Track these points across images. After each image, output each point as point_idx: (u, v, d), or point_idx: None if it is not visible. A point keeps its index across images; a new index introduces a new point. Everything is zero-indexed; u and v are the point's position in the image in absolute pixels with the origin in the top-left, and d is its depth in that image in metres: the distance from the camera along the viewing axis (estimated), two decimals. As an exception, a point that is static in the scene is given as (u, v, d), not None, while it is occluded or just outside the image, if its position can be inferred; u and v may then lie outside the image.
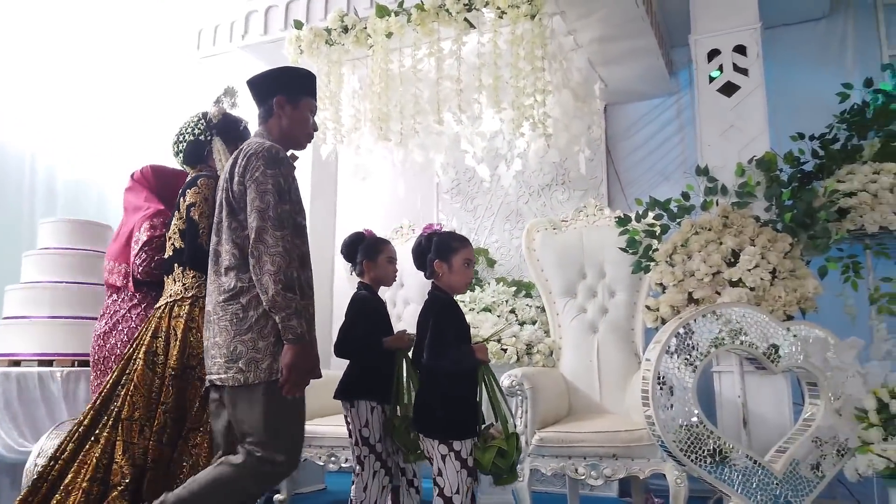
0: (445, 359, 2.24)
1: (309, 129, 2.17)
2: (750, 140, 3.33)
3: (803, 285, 2.88)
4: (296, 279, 1.91)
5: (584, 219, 4.06)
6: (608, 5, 3.18)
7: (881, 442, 2.51)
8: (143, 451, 2.27)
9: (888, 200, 2.94)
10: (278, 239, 1.89)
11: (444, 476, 2.19)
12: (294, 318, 1.88)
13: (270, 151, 1.96)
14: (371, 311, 2.70)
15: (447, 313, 2.32)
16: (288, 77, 2.17)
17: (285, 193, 1.95)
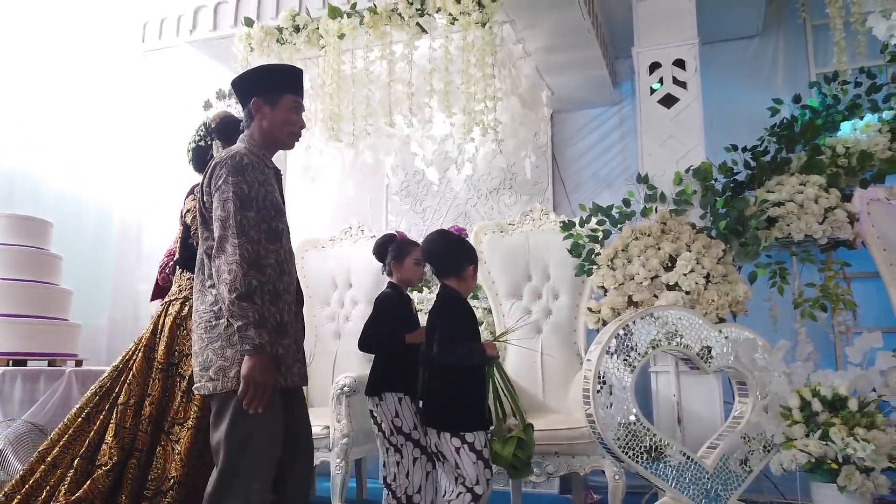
0: (455, 354, 2.33)
1: (293, 127, 2.08)
2: (687, 150, 3.48)
3: (735, 290, 3.04)
4: (255, 287, 1.86)
5: (531, 223, 4.16)
6: (555, 16, 3.28)
7: (803, 438, 2.67)
8: (132, 437, 2.40)
9: (813, 210, 3.13)
10: (236, 247, 1.86)
11: (462, 468, 2.28)
12: (251, 328, 1.83)
13: (234, 159, 1.94)
14: (395, 308, 2.75)
15: (459, 310, 2.44)
16: (263, 77, 2.10)
17: (249, 201, 1.91)
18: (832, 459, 2.58)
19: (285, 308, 2.00)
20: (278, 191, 2.08)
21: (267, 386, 1.86)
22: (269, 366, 1.86)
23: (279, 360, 1.95)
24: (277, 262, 1.97)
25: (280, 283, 1.98)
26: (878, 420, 2.62)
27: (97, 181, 4.79)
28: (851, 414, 2.65)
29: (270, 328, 1.92)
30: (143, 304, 4.59)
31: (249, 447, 1.89)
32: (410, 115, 3.09)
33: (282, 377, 1.95)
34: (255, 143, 2.06)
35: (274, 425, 1.94)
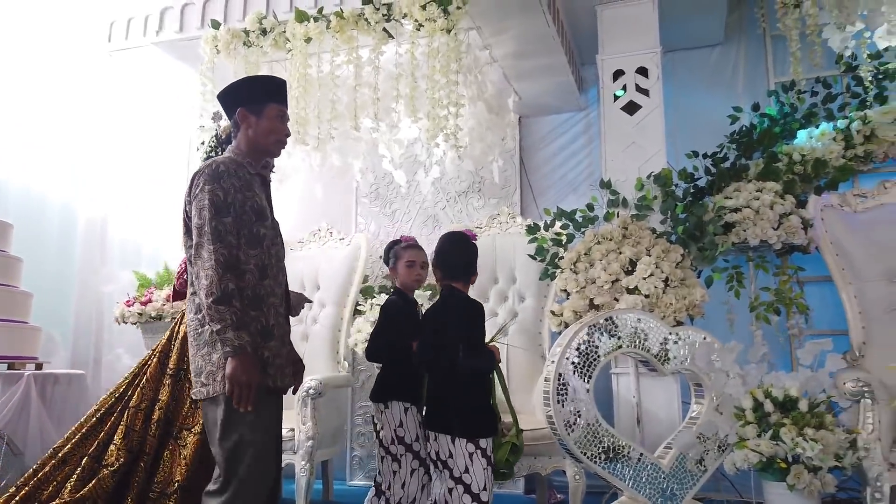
0: (480, 360, 2.35)
1: (279, 135, 2.13)
2: (649, 156, 3.56)
3: (692, 293, 3.11)
4: (232, 291, 1.89)
5: (498, 226, 4.21)
6: (520, 23, 3.32)
7: (755, 438, 2.75)
8: (141, 440, 2.45)
9: (768, 216, 3.21)
10: (211, 253, 1.90)
11: (472, 473, 2.26)
12: (230, 331, 1.86)
13: (211, 167, 2.00)
14: (398, 315, 2.71)
15: (479, 316, 2.43)
16: (247, 87, 2.16)
17: (225, 207, 1.94)
18: (782, 459, 2.66)
19: (271, 312, 2.02)
20: (265, 197, 2.12)
21: (251, 385, 1.89)
22: (251, 365, 1.89)
23: (265, 363, 1.98)
24: (258, 266, 2.00)
25: (262, 287, 2.00)
26: (826, 420, 2.71)
27: (62, 181, 4.73)
28: (802, 414, 2.73)
29: (253, 331, 1.96)
30: (108, 305, 4.55)
31: (245, 447, 1.93)
32: (376, 119, 3.11)
33: (270, 379, 1.99)
34: (240, 152, 2.11)
35: (268, 425, 1.99)
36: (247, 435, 1.92)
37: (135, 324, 3.98)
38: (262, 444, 1.95)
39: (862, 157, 3.58)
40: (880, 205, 3.36)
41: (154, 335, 4.06)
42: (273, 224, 2.12)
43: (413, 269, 2.77)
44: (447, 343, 2.36)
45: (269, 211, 2.13)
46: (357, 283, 4.26)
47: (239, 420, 1.92)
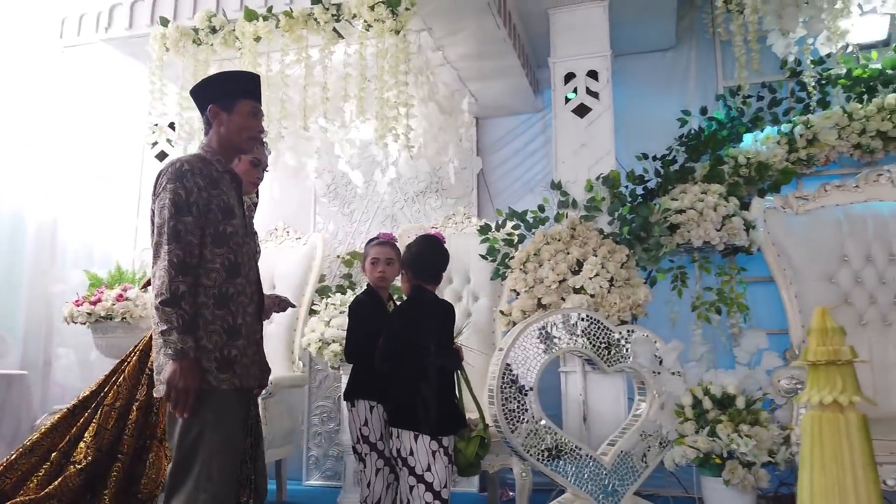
0: (449, 359, 2.40)
1: (252, 132, 2.11)
2: (599, 158, 3.61)
3: (636, 293, 3.17)
4: (183, 293, 1.88)
5: (453, 226, 4.24)
6: (471, 26, 3.35)
7: (694, 434, 2.81)
8: (114, 440, 2.38)
9: (711, 218, 3.29)
10: (166, 253, 1.89)
11: (434, 472, 2.28)
12: (174, 333, 1.85)
13: (175, 166, 1.99)
14: (364, 314, 2.70)
15: (450, 317, 2.48)
16: (217, 84, 2.13)
17: (186, 206, 1.93)
18: (718, 455, 2.72)
19: (239, 311, 2.00)
20: (235, 195, 2.09)
21: (188, 391, 1.87)
22: (190, 371, 1.87)
23: (232, 361, 1.96)
24: (225, 265, 1.98)
25: (230, 286, 1.99)
26: (761, 417, 2.79)
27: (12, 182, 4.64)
28: (738, 411, 2.80)
29: (219, 330, 1.95)
30: (58, 306, 4.47)
31: (201, 447, 1.90)
32: (325, 119, 3.12)
33: (237, 378, 1.97)
34: (210, 149, 2.09)
35: (228, 426, 1.96)
36: (206, 432, 1.90)
37: (84, 323, 3.93)
38: (221, 445, 1.93)
39: (805, 161, 3.67)
40: (820, 207, 3.45)
41: (105, 335, 4.01)
42: (243, 222, 2.09)
43: (376, 266, 2.74)
44: (419, 341, 2.38)
45: (240, 210, 2.10)
46: (313, 282, 4.26)
47: (198, 418, 1.91)
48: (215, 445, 1.91)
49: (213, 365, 1.93)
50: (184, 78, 3.43)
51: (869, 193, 3.40)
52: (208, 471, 1.89)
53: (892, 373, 3.14)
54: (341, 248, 4.80)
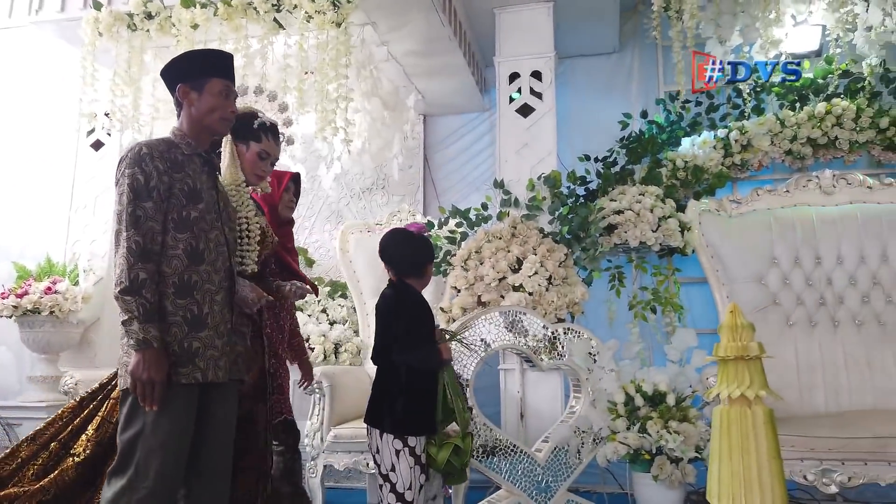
0: (415, 355, 2.27)
1: (222, 112, 2.00)
2: (541, 158, 3.65)
3: (573, 291, 3.21)
4: (143, 281, 1.81)
5: (398, 223, 4.21)
6: (415, 22, 3.34)
7: (625, 431, 2.86)
8: (114, 434, 2.17)
9: (648, 219, 3.35)
10: (125, 240, 1.82)
11: (398, 472, 2.21)
12: (135, 323, 1.78)
13: (132, 150, 1.91)
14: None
15: (419, 310, 2.36)
16: (186, 62, 2.03)
17: (144, 191, 1.84)
18: (647, 451, 2.77)
19: (205, 300, 1.92)
20: (208, 179, 1.99)
21: (154, 383, 1.80)
22: (155, 361, 1.80)
23: (193, 354, 1.88)
24: (187, 251, 1.90)
25: (192, 273, 1.90)
26: (690, 414, 2.85)
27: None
28: (668, 408, 2.86)
29: (179, 321, 1.87)
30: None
31: (141, 446, 1.83)
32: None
33: (199, 372, 1.88)
34: (180, 132, 2.01)
35: (173, 423, 1.86)
36: (147, 431, 1.83)
37: (10, 317, 3.77)
38: (163, 441, 1.84)
39: (739, 166, 3.79)
40: (753, 210, 3.55)
41: (32, 329, 3.86)
42: (214, 207, 1.99)
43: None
44: (388, 337, 2.33)
45: (211, 193, 1.99)
46: (253, 277, 4.18)
47: (141, 415, 1.84)
48: (158, 440, 1.83)
49: (170, 358, 1.85)
50: (117, 64, 3.31)
51: (798, 198, 3.52)
52: (145, 468, 1.82)
53: (817, 372, 3.25)
54: (285, 242, 4.72)
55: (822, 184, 3.49)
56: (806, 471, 2.70)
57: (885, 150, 3.64)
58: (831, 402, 3.17)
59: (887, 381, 3.15)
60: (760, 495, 1.35)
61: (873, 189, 3.44)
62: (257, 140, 2.32)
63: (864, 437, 2.65)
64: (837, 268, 3.39)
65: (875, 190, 3.44)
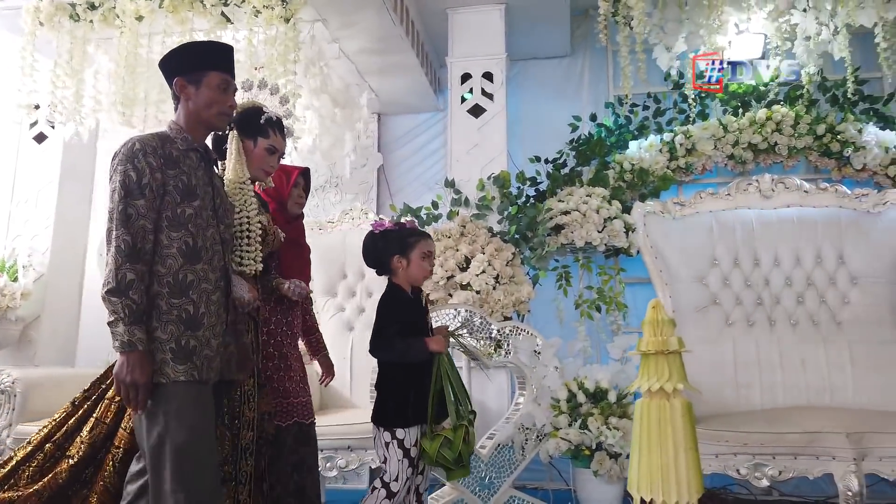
0: (389, 350, 2.30)
1: (221, 106, 1.96)
2: (491, 158, 3.69)
3: (520, 290, 3.25)
4: (130, 282, 1.75)
5: (350, 221, 4.20)
6: (366, 20, 3.35)
7: (567, 427, 2.91)
8: (109, 433, 2.14)
9: (594, 220, 3.41)
10: (115, 239, 1.77)
11: (388, 464, 2.25)
12: (120, 325, 1.74)
13: (125, 146, 1.86)
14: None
15: (387, 305, 2.37)
16: (184, 55, 1.97)
17: (136, 189, 1.80)
18: (588, 446, 2.83)
19: (201, 299, 1.87)
20: (204, 175, 1.95)
21: (137, 385, 1.76)
22: (139, 364, 1.75)
23: (190, 352, 1.83)
24: (182, 250, 1.85)
25: (188, 272, 1.85)
26: (630, 410, 2.92)
27: None
28: (609, 405, 2.92)
29: (175, 320, 1.82)
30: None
31: (166, 449, 1.78)
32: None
33: (196, 370, 1.84)
34: (177, 126, 1.95)
35: (191, 420, 1.82)
36: (170, 428, 1.79)
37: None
38: (188, 437, 1.80)
39: (684, 169, 3.88)
40: (696, 213, 3.63)
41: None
42: (211, 204, 1.95)
43: (428, 261, 2.45)
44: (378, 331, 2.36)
45: (207, 190, 1.95)
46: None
47: (158, 417, 1.80)
48: (181, 438, 1.79)
49: (168, 356, 1.81)
50: (59, 55, 3.23)
51: (739, 201, 3.61)
52: (179, 467, 1.78)
53: (753, 370, 3.34)
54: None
55: (761, 188, 3.60)
56: (739, 465, 2.77)
57: (822, 157, 3.77)
58: (767, 399, 3.26)
59: (820, 378, 3.26)
60: (677, 485, 1.39)
61: (809, 193, 3.56)
62: (265, 135, 2.29)
63: (793, 432, 2.74)
64: (774, 269, 3.49)
65: (811, 194, 3.56)
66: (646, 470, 1.43)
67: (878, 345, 3.26)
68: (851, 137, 3.67)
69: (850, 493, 2.65)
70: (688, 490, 1.41)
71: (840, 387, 3.22)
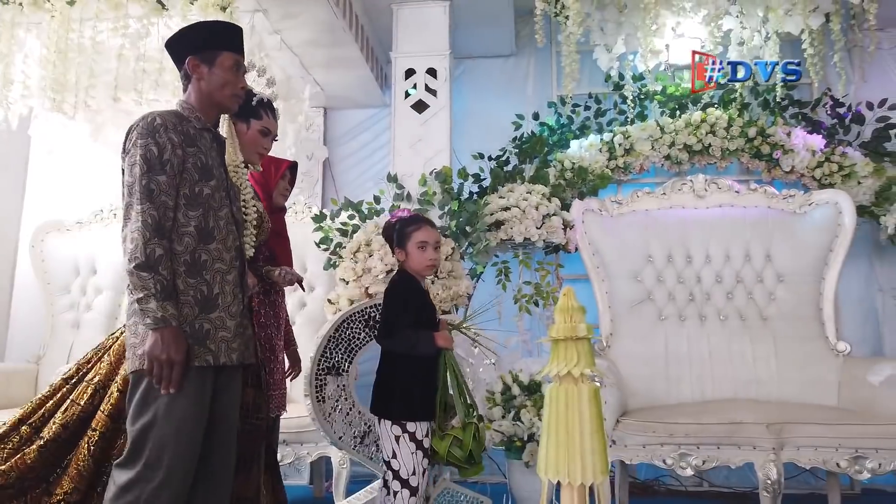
0: (400, 340, 2.24)
1: (234, 89, 1.94)
2: (434, 154, 3.70)
3: (458, 284, 3.28)
4: (159, 256, 1.73)
5: (293, 215, 4.17)
6: (307, 12, 3.33)
7: (500, 419, 2.95)
8: (85, 416, 2.06)
9: (533, 216, 3.46)
10: (139, 213, 1.73)
11: (399, 458, 2.19)
12: (152, 301, 1.70)
13: (146, 120, 1.81)
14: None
15: (400, 294, 2.32)
16: (196, 34, 1.94)
17: (159, 164, 1.77)
18: (520, 438, 2.87)
19: (216, 280, 1.84)
20: (216, 156, 1.93)
21: (174, 363, 1.72)
22: (174, 341, 1.72)
23: (204, 336, 1.80)
24: (199, 229, 1.83)
25: (203, 252, 1.83)
26: (562, 402, 2.97)
27: None
28: (542, 397, 2.97)
29: (190, 301, 1.79)
30: None
31: (155, 432, 1.74)
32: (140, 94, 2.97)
33: (210, 354, 1.80)
34: (188, 106, 1.92)
35: (187, 408, 1.77)
36: (162, 416, 1.74)
37: None
38: (177, 428, 1.75)
39: (622, 168, 3.97)
40: (632, 211, 3.73)
41: None
42: (223, 185, 1.92)
43: (424, 251, 2.39)
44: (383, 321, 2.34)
45: (220, 171, 1.93)
46: (139, 268, 4.03)
47: (156, 399, 1.74)
48: (168, 429, 1.75)
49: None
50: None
51: (674, 200, 3.72)
52: (157, 457, 1.73)
53: (684, 364, 3.45)
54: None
55: (695, 187, 3.71)
56: (665, 455, 2.86)
57: (753, 158, 3.90)
58: (696, 392, 3.37)
59: (746, 371, 3.39)
60: (582, 466, 1.43)
61: (740, 194, 3.69)
62: (257, 117, 2.29)
63: (717, 423, 2.84)
64: (706, 266, 3.61)
65: (742, 195, 3.68)
66: (553, 452, 1.46)
67: (801, 340, 3.40)
68: (780, 140, 3.81)
69: (769, 482, 2.76)
70: (592, 471, 1.44)
71: (765, 380, 3.35)
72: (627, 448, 2.90)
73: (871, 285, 4.05)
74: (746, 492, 3.68)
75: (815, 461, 2.80)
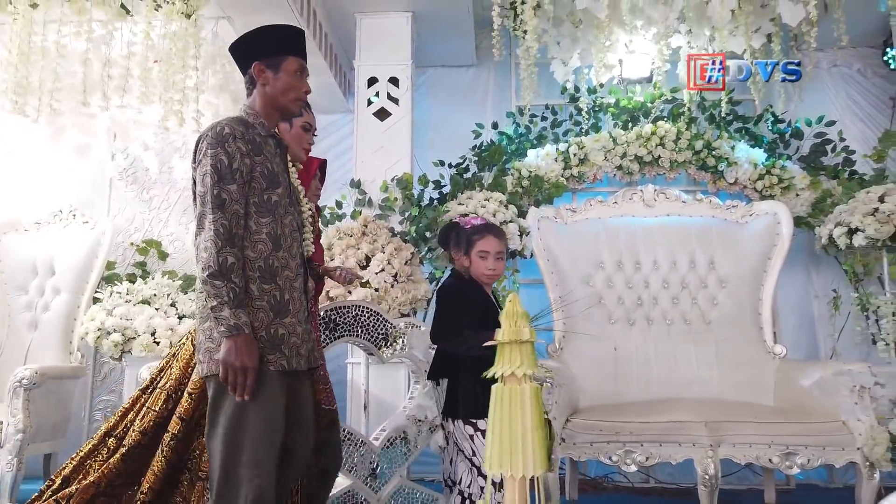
0: (460, 342, 2.29)
1: (298, 93, 1.97)
2: (395, 161, 3.81)
3: (417, 288, 3.39)
4: (231, 265, 1.75)
5: (255, 218, 4.23)
6: (272, 19, 3.37)
7: (456, 418, 3.05)
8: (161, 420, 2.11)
9: (491, 222, 3.58)
10: (211, 222, 1.76)
11: (479, 455, 2.23)
12: (226, 308, 1.72)
13: (215, 129, 1.84)
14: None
15: (455, 297, 2.39)
16: (262, 38, 1.96)
17: (229, 174, 1.80)
18: (474, 436, 2.98)
19: (287, 285, 1.88)
20: (280, 162, 1.95)
21: (247, 370, 1.74)
22: (247, 348, 1.74)
23: (279, 341, 1.83)
24: (271, 235, 1.85)
25: (275, 258, 1.86)
26: (515, 402, 3.09)
27: None
28: (496, 397, 3.09)
29: (265, 307, 1.82)
30: None
31: (244, 435, 1.77)
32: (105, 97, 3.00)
33: (284, 359, 1.84)
34: (253, 112, 1.94)
35: (271, 410, 1.82)
36: (248, 418, 1.78)
37: None
38: (265, 429, 1.79)
39: (577, 177, 4.13)
40: (585, 219, 3.88)
41: None
42: (287, 191, 1.95)
43: (485, 261, 2.43)
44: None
45: (285, 176, 1.96)
46: (98, 269, 4.02)
47: (239, 403, 1.77)
48: (259, 432, 1.78)
49: (258, 344, 1.80)
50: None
51: (624, 209, 3.89)
52: (255, 457, 1.78)
53: (632, 365, 3.61)
54: (138, 235, 4.60)
55: (644, 197, 3.88)
56: (611, 452, 3.00)
57: (700, 170, 4.10)
58: (642, 392, 3.53)
59: (689, 372, 3.56)
60: (524, 461, 1.55)
61: (687, 204, 3.87)
62: (298, 114, 2.32)
63: (659, 421, 2.99)
64: (654, 272, 3.78)
65: (688, 204, 3.87)
66: (497, 447, 1.57)
67: (741, 343, 3.59)
68: (725, 153, 4.01)
69: (706, 477, 2.92)
70: (533, 465, 1.56)
71: (707, 380, 3.53)
72: (576, 446, 3.04)
73: (808, 292, 4.28)
74: (689, 488, 3.86)
75: (749, 457, 2.97)
